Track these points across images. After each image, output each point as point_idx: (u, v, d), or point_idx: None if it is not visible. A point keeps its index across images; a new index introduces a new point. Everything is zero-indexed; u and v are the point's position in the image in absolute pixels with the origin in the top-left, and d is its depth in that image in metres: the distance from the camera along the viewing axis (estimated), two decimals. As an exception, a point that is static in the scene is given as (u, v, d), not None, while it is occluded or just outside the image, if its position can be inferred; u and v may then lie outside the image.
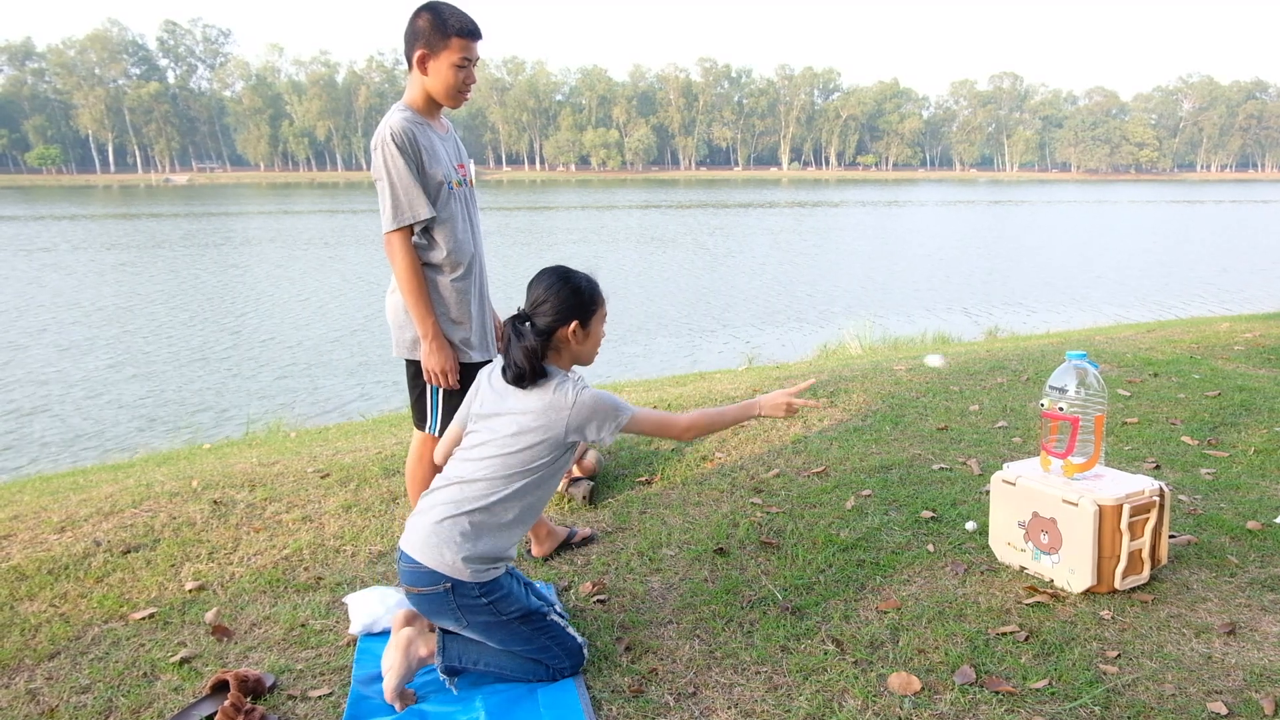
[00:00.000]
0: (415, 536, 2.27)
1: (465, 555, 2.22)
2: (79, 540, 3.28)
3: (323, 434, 6.15)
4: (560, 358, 2.36)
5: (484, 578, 2.25)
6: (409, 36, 2.71)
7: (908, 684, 2.22)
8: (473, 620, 2.27)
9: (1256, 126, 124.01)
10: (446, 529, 2.23)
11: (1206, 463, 3.78)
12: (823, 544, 3.06)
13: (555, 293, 2.30)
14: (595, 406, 2.26)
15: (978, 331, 12.09)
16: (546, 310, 2.29)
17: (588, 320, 2.34)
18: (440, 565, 2.22)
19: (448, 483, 2.32)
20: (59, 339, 13.55)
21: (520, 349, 2.25)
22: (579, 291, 2.32)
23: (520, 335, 2.27)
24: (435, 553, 2.22)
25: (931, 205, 50.80)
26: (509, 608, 2.28)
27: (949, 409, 4.68)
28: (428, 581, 2.23)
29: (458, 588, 2.23)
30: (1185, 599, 2.62)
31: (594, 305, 2.36)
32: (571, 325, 2.31)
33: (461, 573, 2.22)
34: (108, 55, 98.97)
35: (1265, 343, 6.36)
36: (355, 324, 14.61)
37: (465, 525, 2.24)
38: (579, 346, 2.36)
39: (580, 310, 2.32)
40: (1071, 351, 2.77)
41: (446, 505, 2.27)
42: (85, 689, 2.34)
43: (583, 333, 2.34)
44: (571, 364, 2.40)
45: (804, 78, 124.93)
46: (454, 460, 2.38)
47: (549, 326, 2.29)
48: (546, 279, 2.33)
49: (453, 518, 2.24)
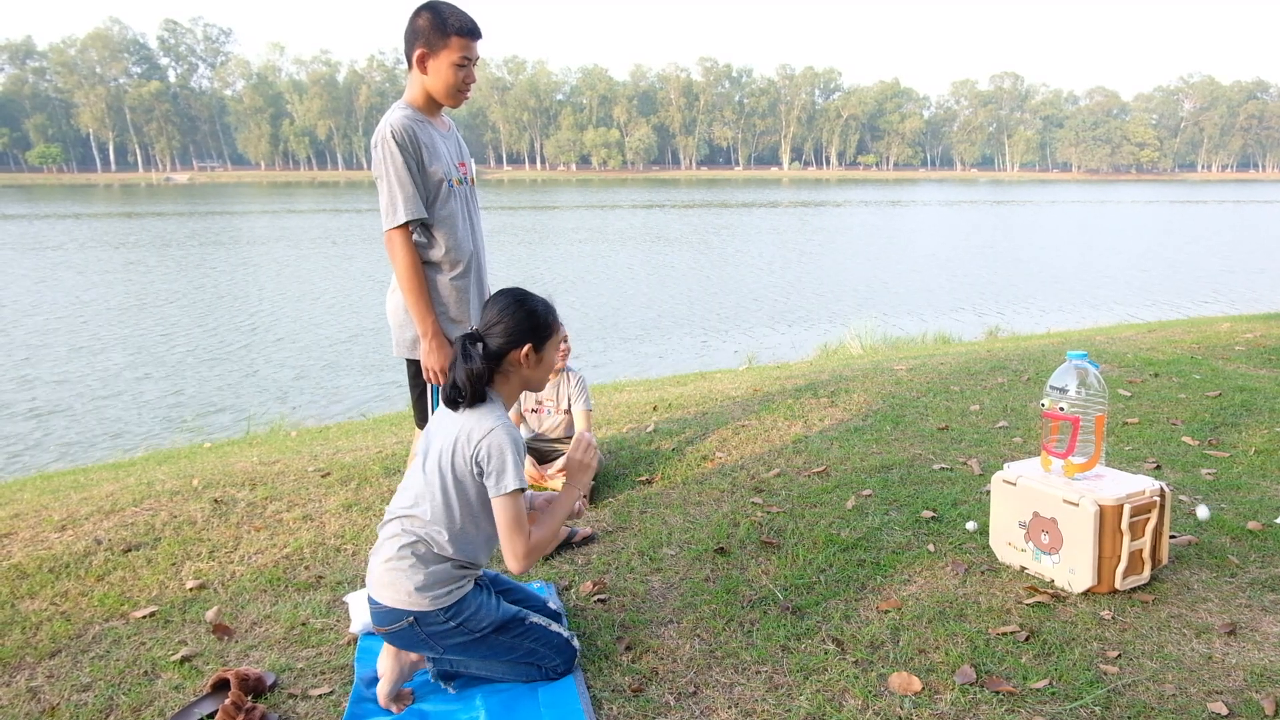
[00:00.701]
0: (371, 578, 2.24)
1: (418, 585, 2.18)
2: (80, 539, 3.28)
3: (323, 433, 6.15)
4: (509, 381, 2.30)
5: (446, 602, 2.21)
6: (409, 36, 2.71)
7: (908, 684, 2.22)
8: (447, 645, 2.24)
9: (1257, 126, 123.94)
10: (395, 564, 2.20)
11: (1207, 463, 3.78)
12: (823, 544, 3.06)
13: (510, 315, 2.24)
14: (503, 450, 2.16)
15: (978, 331, 12.09)
16: (499, 331, 2.24)
17: (541, 344, 2.29)
18: (397, 602, 2.18)
19: (391, 516, 2.29)
20: (74, 338, 13.51)
21: (464, 370, 2.19)
22: (534, 315, 2.27)
23: (468, 357, 2.20)
24: (390, 591, 2.19)
25: (934, 205, 50.79)
26: (480, 624, 2.25)
27: (949, 409, 4.68)
28: (391, 620, 2.20)
29: (421, 619, 2.19)
30: (1186, 599, 2.62)
31: (548, 330, 2.30)
32: (525, 349, 2.25)
33: (420, 603, 2.18)
34: (109, 54, 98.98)
35: (1266, 343, 6.36)
36: (368, 323, 14.61)
37: (411, 557, 2.19)
38: (530, 371, 2.30)
39: (534, 334, 2.26)
40: (1072, 351, 2.77)
41: (392, 540, 2.23)
42: (86, 687, 2.34)
43: (535, 357, 2.28)
44: (521, 388, 2.35)
45: (805, 77, 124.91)
46: (399, 488, 2.35)
47: (500, 349, 2.24)
48: (502, 300, 2.27)
49: (398, 550, 2.20)
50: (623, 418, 4.85)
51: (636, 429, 4.56)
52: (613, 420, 4.81)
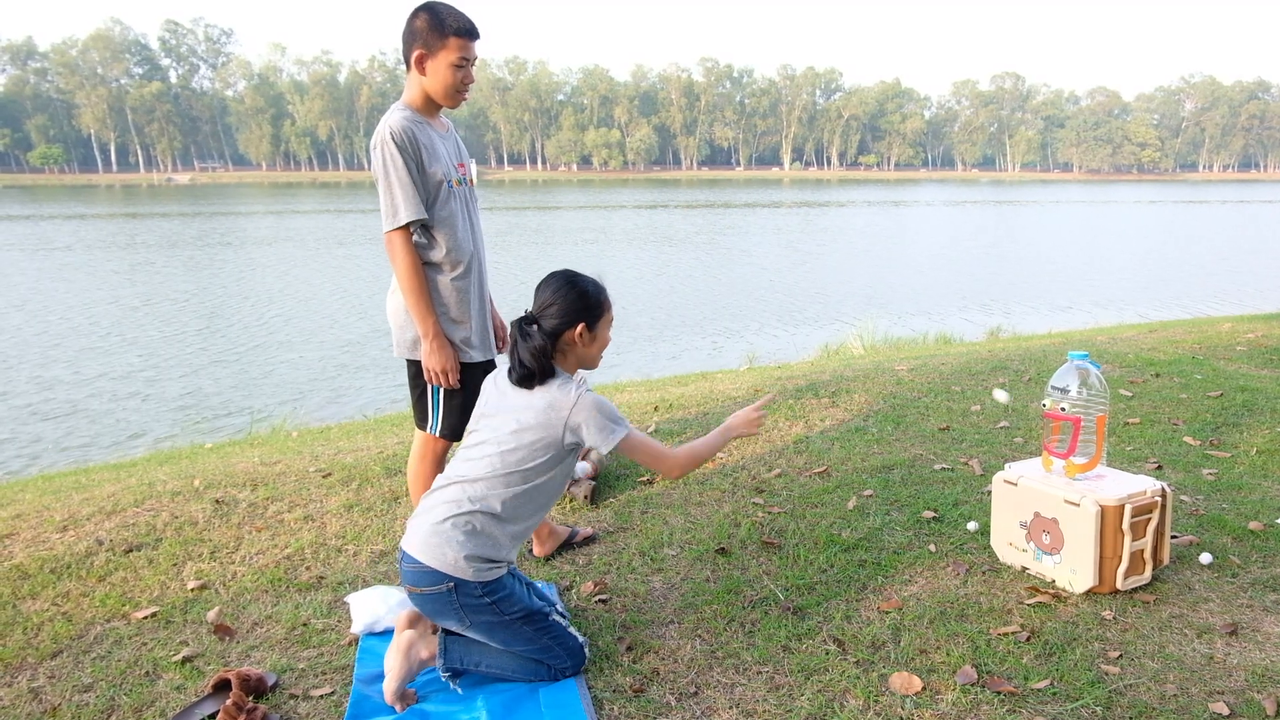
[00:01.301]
0: (417, 537, 2.27)
1: (468, 554, 2.22)
2: (81, 539, 3.29)
3: (324, 433, 6.15)
4: (566, 361, 2.37)
5: (486, 577, 2.25)
6: (407, 37, 2.71)
7: (909, 684, 2.22)
8: (475, 620, 2.27)
9: (1259, 126, 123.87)
10: (448, 529, 2.23)
11: (1208, 463, 3.78)
12: (824, 544, 3.06)
13: (563, 296, 2.32)
14: (595, 409, 2.27)
15: (980, 331, 12.08)
16: (554, 313, 2.31)
17: (594, 323, 2.36)
18: (442, 565, 2.22)
19: (449, 482, 2.33)
20: (90, 339, 13.47)
21: (527, 349, 2.28)
22: (586, 295, 2.35)
23: (527, 337, 2.29)
24: (437, 552, 2.22)
25: (936, 205, 50.77)
26: (511, 608, 2.28)
27: (950, 409, 4.67)
28: (430, 581, 2.23)
29: (460, 587, 2.23)
30: (1187, 599, 2.62)
31: (600, 309, 2.38)
32: (578, 328, 2.33)
33: (464, 572, 2.22)
34: (110, 55, 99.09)
35: (1268, 343, 6.35)
36: (380, 324, 14.61)
37: (467, 524, 2.24)
38: (585, 349, 2.38)
39: (587, 313, 2.34)
40: (1073, 352, 2.77)
41: (448, 505, 2.27)
42: (87, 688, 2.34)
43: (589, 335, 2.36)
44: (577, 367, 2.42)
45: (806, 78, 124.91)
46: (455, 459, 2.38)
47: (555, 329, 2.31)
48: (554, 282, 2.35)
49: (454, 517, 2.24)
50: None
51: (638, 428, 4.55)
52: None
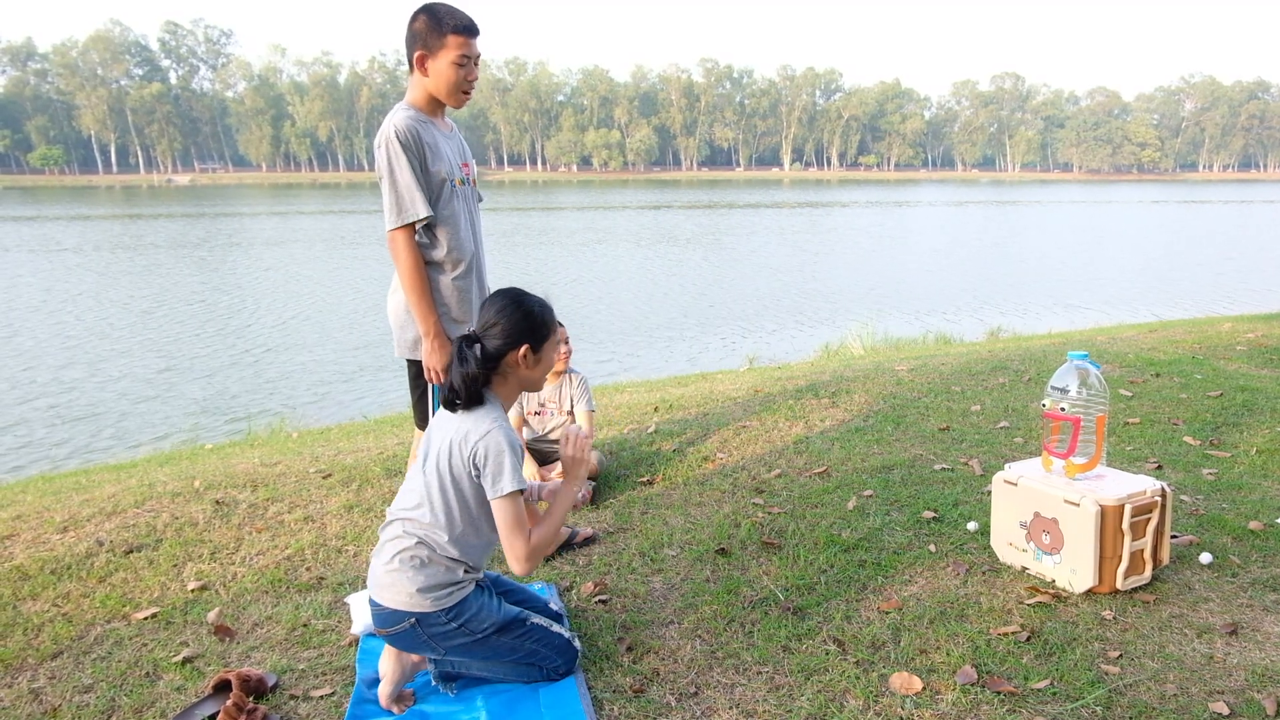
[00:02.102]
0: (373, 580, 2.24)
1: (420, 587, 2.18)
2: (82, 540, 3.29)
3: (324, 434, 6.15)
4: (507, 382, 2.30)
5: (448, 603, 2.21)
6: (408, 39, 2.72)
7: (909, 684, 2.22)
8: (449, 646, 2.24)
9: (1259, 126, 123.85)
10: (396, 566, 2.20)
11: (1208, 463, 3.78)
12: (824, 544, 3.06)
13: (507, 316, 2.24)
14: (499, 453, 2.16)
15: (980, 331, 12.09)
16: (497, 333, 2.23)
17: (539, 345, 2.29)
18: (399, 603, 2.19)
19: (392, 518, 2.29)
20: (108, 340, 13.46)
21: (460, 373, 2.19)
22: (531, 315, 2.26)
23: (464, 360, 2.20)
24: (391, 593, 2.19)
25: (937, 206, 50.75)
26: (481, 625, 2.25)
27: (950, 409, 4.67)
28: (393, 622, 2.20)
29: (423, 620, 2.19)
30: (1187, 599, 2.62)
31: (546, 330, 2.29)
32: (522, 349, 2.24)
33: (423, 605, 2.18)
34: (110, 56, 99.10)
35: (1267, 343, 6.35)
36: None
37: (414, 559, 2.20)
38: (528, 371, 2.30)
39: (532, 334, 2.26)
40: (1073, 352, 2.77)
41: (394, 541, 2.23)
42: (88, 688, 2.35)
43: (534, 357, 2.28)
44: (520, 389, 2.35)
45: (805, 78, 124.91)
46: (401, 490, 2.35)
47: (498, 350, 2.23)
48: (499, 301, 2.27)
49: (400, 554, 2.20)
50: (624, 418, 4.85)
51: (638, 430, 4.56)
52: (614, 421, 4.81)
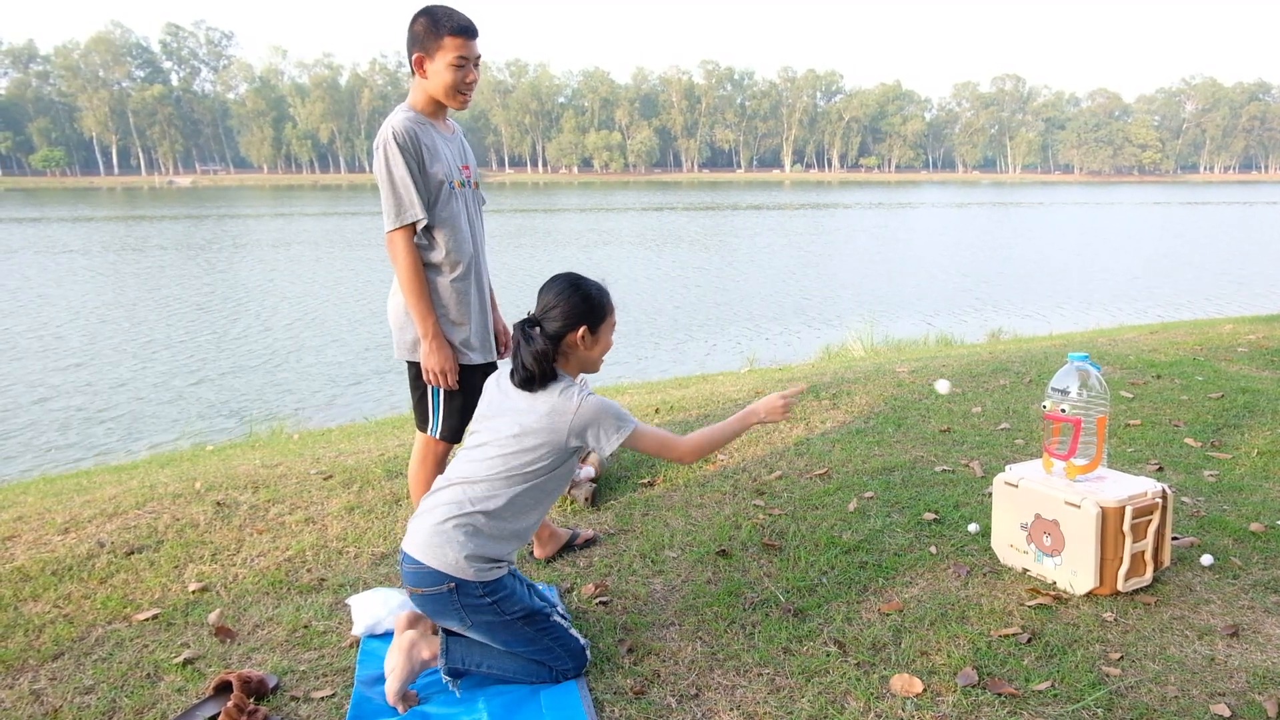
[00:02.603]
0: (418, 538, 2.27)
1: (468, 554, 2.23)
2: (83, 541, 3.29)
3: (325, 435, 6.16)
4: (568, 364, 2.37)
5: (487, 577, 2.26)
6: (408, 43, 2.73)
7: (910, 686, 2.22)
8: (477, 620, 2.28)
9: (1260, 128, 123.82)
10: (449, 529, 2.24)
11: (1209, 465, 3.77)
12: (825, 546, 3.06)
13: (565, 298, 2.32)
14: (599, 412, 2.27)
15: (981, 333, 12.08)
16: (556, 315, 2.31)
17: (597, 326, 2.36)
18: (443, 565, 2.22)
19: (449, 483, 2.33)
20: (124, 341, 13.46)
21: (529, 352, 2.28)
22: (589, 298, 2.34)
23: (530, 339, 2.29)
24: (438, 553, 2.23)
25: (939, 207, 50.74)
26: (512, 608, 2.29)
27: (951, 411, 4.67)
28: (431, 582, 2.24)
29: (461, 587, 2.23)
30: (1188, 601, 2.61)
31: (603, 312, 2.38)
32: (580, 331, 2.32)
33: (465, 572, 2.23)
34: (111, 58, 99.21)
35: (1269, 344, 6.35)
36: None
37: (468, 525, 2.25)
38: (587, 353, 2.37)
39: (589, 316, 2.34)
40: (1074, 353, 2.77)
41: (449, 505, 2.27)
42: (89, 690, 2.35)
43: (591, 339, 2.36)
44: (579, 371, 2.42)
45: (806, 80, 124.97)
46: (456, 460, 2.39)
47: (558, 332, 2.31)
48: (557, 285, 2.35)
49: (455, 518, 2.25)
50: (625, 420, 4.84)
51: (638, 431, 4.55)
52: (615, 422, 4.80)
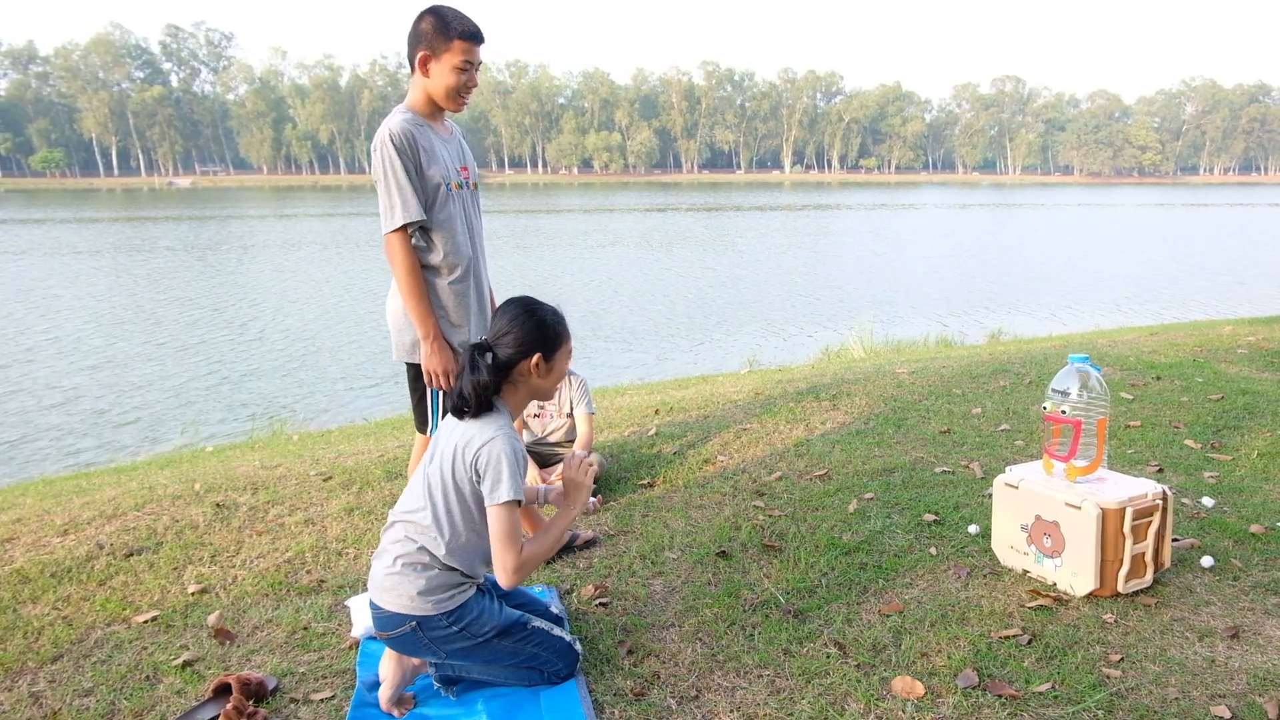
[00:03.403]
0: (374, 584, 2.24)
1: (420, 590, 2.18)
2: (82, 543, 3.29)
3: (325, 437, 6.15)
4: (517, 391, 2.30)
5: (449, 606, 2.21)
6: (412, 39, 2.72)
7: (910, 688, 2.22)
8: (450, 649, 2.24)
9: (1259, 130, 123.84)
10: (398, 569, 2.19)
11: (1210, 466, 3.77)
12: (825, 547, 3.06)
13: (520, 324, 2.24)
14: (500, 459, 2.14)
15: (981, 334, 12.09)
16: (509, 342, 2.23)
17: (551, 355, 2.28)
18: (400, 606, 2.18)
19: (395, 519, 2.28)
20: (149, 342, 13.49)
21: (471, 381, 2.18)
22: (544, 325, 2.26)
23: (475, 368, 2.19)
24: (393, 595, 2.19)
25: (941, 208, 50.75)
26: (483, 629, 2.24)
27: (951, 412, 4.67)
28: (393, 625, 2.20)
29: (424, 624, 2.19)
30: (1188, 603, 2.61)
31: (559, 340, 2.29)
32: (534, 358, 2.24)
33: (424, 608, 2.18)
34: (111, 59, 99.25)
35: (1269, 346, 6.35)
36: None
37: (415, 563, 2.19)
38: (539, 380, 2.29)
39: (544, 343, 2.25)
40: (1074, 354, 2.77)
41: (396, 544, 2.23)
42: (88, 692, 2.34)
43: (545, 366, 2.27)
44: (530, 397, 2.34)
45: (806, 81, 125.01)
46: (405, 490, 2.34)
47: (510, 359, 2.24)
48: (511, 310, 2.27)
49: (402, 557, 2.20)
50: (624, 421, 4.85)
51: (638, 432, 4.56)
52: (614, 423, 4.81)
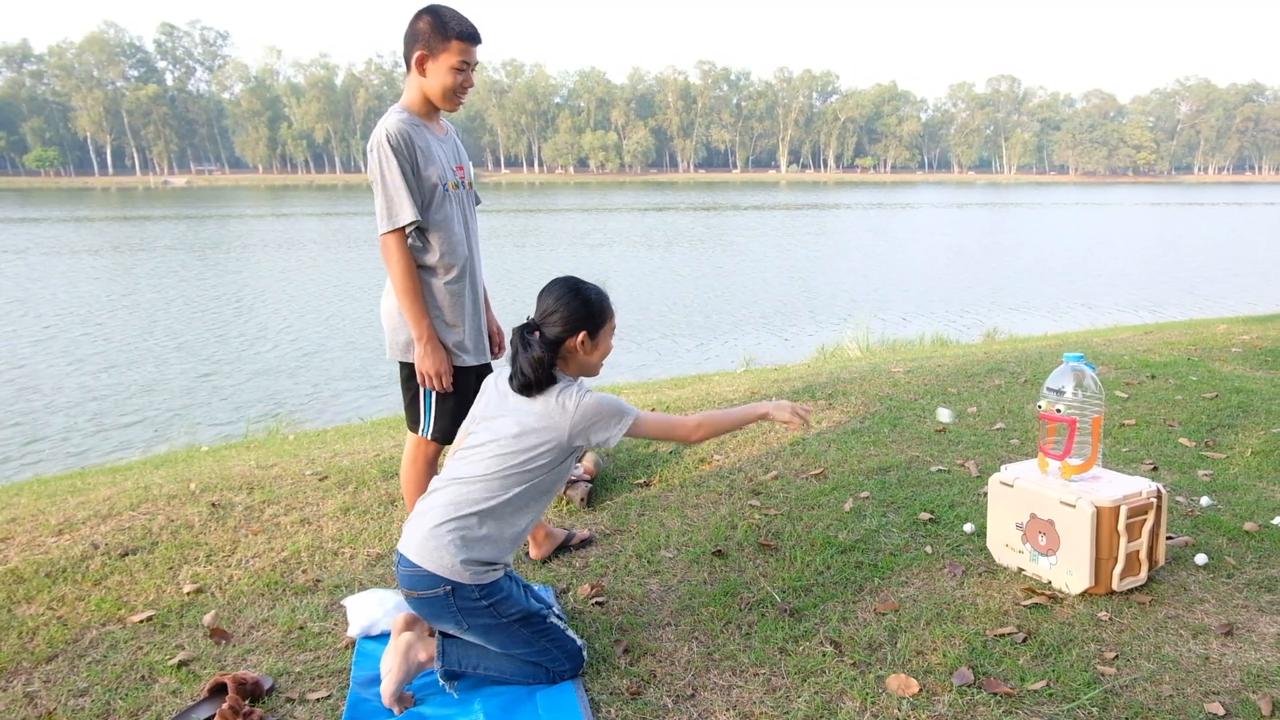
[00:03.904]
0: (413, 540, 2.27)
1: (464, 558, 2.22)
2: (77, 543, 3.28)
3: (320, 436, 6.15)
4: (567, 368, 2.38)
5: (483, 580, 2.25)
6: (409, 38, 2.72)
7: (906, 686, 2.22)
8: (473, 623, 2.27)
9: (1253, 129, 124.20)
10: (445, 532, 2.23)
11: (1204, 464, 3.78)
12: (821, 546, 3.06)
13: (565, 304, 2.32)
14: (599, 410, 2.28)
15: (976, 333, 12.10)
16: (556, 320, 2.31)
17: (596, 332, 2.36)
18: (439, 568, 2.22)
19: (446, 484, 2.32)
20: (148, 342, 13.44)
21: (527, 359, 2.28)
22: (589, 303, 2.34)
23: (528, 345, 2.29)
24: (434, 555, 2.22)
25: (937, 207, 50.80)
26: (509, 610, 2.28)
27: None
28: (427, 585, 2.23)
29: (458, 590, 2.23)
30: (1183, 600, 2.62)
31: (603, 317, 2.38)
32: (580, 336, 2.32)
33: (461, 575, 2.22)
34: (106, 58, 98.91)
35: (1263, 344, 6.37)
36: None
37: (464, 527, 2.24)
38: (586, 358, 2.37)
39: (589, 321, 2.34)
40: (1069, 353, 2.78)
41: (445, 507, 2.27)
42: (83, 692, 2.34)
43: (590, 344, 2.36)
44: (578, 375, 2.42)
45: (802, 80, 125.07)
46: (453, 460, 2.38)
47: (558, 337, 2.31)
48: (557, 290, 2.35)
49: (451, 520, 2.24)
50: (620, 420, 4.84)
51: (634, 432, 4.55)
52: (610, 423, 4.80)
